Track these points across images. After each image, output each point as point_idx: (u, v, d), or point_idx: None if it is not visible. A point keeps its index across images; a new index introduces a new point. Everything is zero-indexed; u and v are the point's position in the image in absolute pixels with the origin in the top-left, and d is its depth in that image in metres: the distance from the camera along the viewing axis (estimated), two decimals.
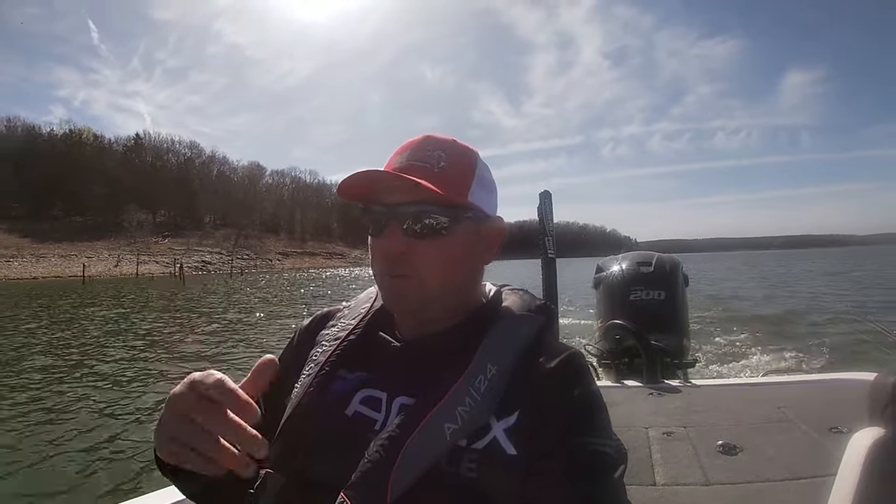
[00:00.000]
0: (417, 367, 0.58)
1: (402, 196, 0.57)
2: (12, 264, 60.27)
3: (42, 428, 4.74)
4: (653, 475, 1.82)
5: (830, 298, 13.50)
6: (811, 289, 17.12)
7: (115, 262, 65.16)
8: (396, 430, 0.52)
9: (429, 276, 0.58)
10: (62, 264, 64.02)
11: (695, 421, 2.29)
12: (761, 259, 66.45)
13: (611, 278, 3.72)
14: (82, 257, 67.94)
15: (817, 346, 6.65)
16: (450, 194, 0.57)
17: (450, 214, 0.58)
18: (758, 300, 13.64)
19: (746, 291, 16.61)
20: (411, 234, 0.57)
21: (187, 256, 75.20)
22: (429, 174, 0.57)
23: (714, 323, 9.00)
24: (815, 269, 31.22)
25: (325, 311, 0.74)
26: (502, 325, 0.60)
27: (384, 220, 0.58)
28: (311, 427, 0.57)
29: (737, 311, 10.88)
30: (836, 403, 2.26)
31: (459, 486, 0.50)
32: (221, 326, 12.35)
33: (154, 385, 6.38)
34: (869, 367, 2.80)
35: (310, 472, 0.54)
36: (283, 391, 0.63)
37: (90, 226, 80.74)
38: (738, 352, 6.67)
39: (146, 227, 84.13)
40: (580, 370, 0.58)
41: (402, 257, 0.57)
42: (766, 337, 7.51)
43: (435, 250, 0.58)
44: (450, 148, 0.61)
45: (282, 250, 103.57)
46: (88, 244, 74.15)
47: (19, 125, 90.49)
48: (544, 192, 2.68)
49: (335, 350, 0.64)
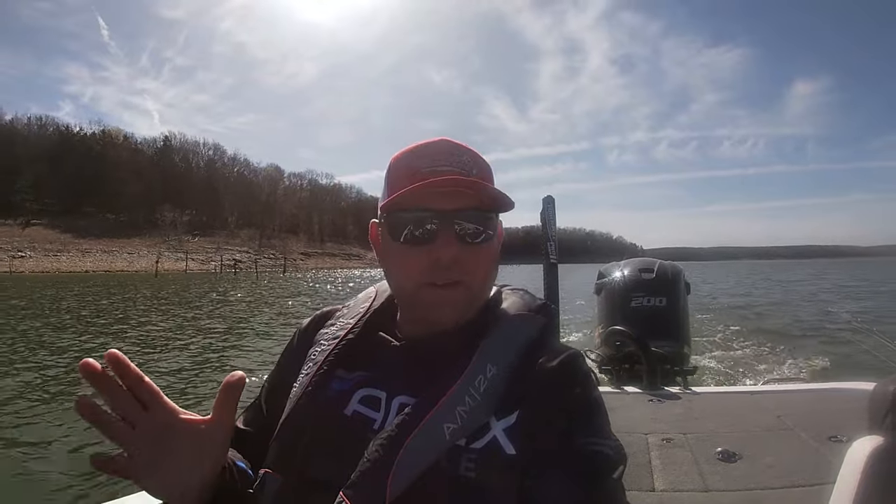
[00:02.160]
0: (417, 367, 0.56)
1: (460, 202, 0.55)
2: (61, 258, 62.30)
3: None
4: (652, 481, 1.78)
5: (831, 308, 13.13)
6: (812, 299, 16.66)
7: (157, 259, 66.70)
8: (396, 429, 0.50)
9: (475, 282, 0.56)
10: (107, 259, 66.06)
11: (694, 428, 2.24)
12: (765, 269, 64.98)
13: (612, 284, 3.65)
14: (123, 253, 69.97)
15: (817, 354, 6.46)
16: (503, 200, 0.56)
17: (493, 219, 0.58)
18: (759, 309, 13.33)
19: (749, 300, 16.29)
20: (464, 241, 0.55)
21: (219, 254, 76.60)
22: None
23: (715, 331, 8.78)
24: (818, 280, 30.42)
25: (324, 311, 0.71)
26: (502, 325, 0.58)
27: (437, 227, 0.55)
28: (310, 426, 0.55)
29: (738, 319, 10.63)
30: (836, 412, 2.21)
31: (458, 485, 0.48)
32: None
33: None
34: (868, 377, 2.71)
35: (309, 471, 0.52)
36: (282, 393, 0.61)
37: (124, 223, 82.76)
38: (738, 360, 6.51)
39: (179, 226, 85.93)
40: (580, 370, 0.56)
41: (454, 264, 0.55)
42: (766, 345, 7.32)
43: (482, 256, 0.57)
44: (472, 153, 0.59)
45: (303, 250, 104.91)
46: (126, 241, 76.16)
47: (50, 124, 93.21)
48: (547, 197, 2.66)
49: (333, 349, 0.61)
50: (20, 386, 5.62)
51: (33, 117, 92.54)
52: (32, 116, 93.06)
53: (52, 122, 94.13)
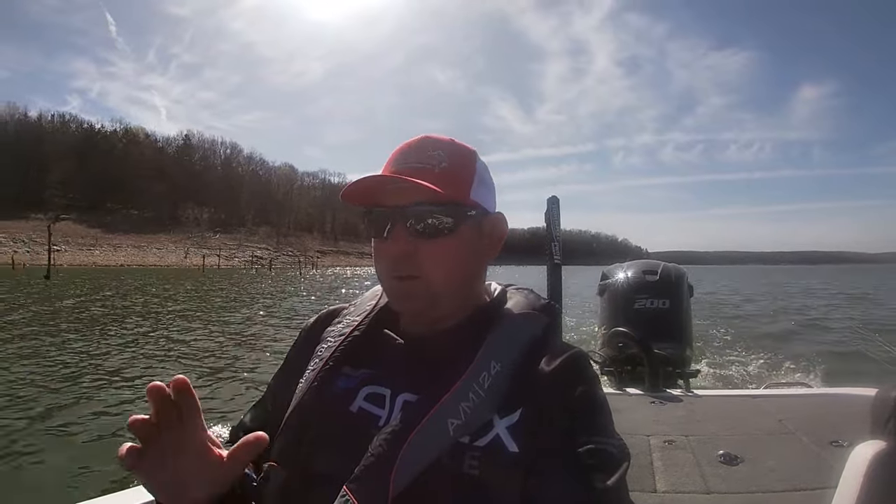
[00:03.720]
0: (421, 365, 0.55)
1: (405, 198, 0.54)
2: (94, 252, 63.69)
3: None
4: (654, 482, 1.76)
5: (835, 314, 12.86)
6: (816, 304, 16.32)
7: (184, 255, 67.88)
8: (400, 425, 0.49)
9: (434, 276, 0.55)
10: (138, 254, 67.41)
11: (696, 430, 2.21)
12: (771, 274, 63.86)
13: (616, 286, 3.59)
14: (152, 248, 71.22)
15: (820, 359, 6.30)
16: (452, 193, 0.54)
17: (453, 213, 0.55)
18: (763, 313, 13.09)
19: (753, 305, 16.01)
20: (416, 235, 0.54)
21: (241, 251, 77.61)
22: (430, 174, 0.54)
23: (718, 334, 8.63)
24: (823, 285, 29.79)
25: (331, 308, 0.70)
26: (507, 324, 0.57)
27: (388, 223, 0.55)
28: (315, 421, 0.55)
29: (741, 323, 10.46)
30: (838, 417, 2.17)
31: (462, 482, 0.47)
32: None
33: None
34: (871, 382, 2.65)
35: (313, 465, 0.52)
36: (287, 391, 0.60)
37: (148, 219, 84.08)
38: (740, 363, 6.39)
39: (202, 224, 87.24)
40: (584, 369, 0.55)
41: (407, 258, 0.54)
42: (768, 349, 7.18)
43: (440, 249, 0.55)
44: (449, 147, 0.58)
45: (319, 248, 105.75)
46: (153, 237, 77.53)
47: (72, 121, 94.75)
48: (552, 197, 2.60)
49: (339, 346, 0.61)
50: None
51: (55, 115, 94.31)
52: (55, 114, 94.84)
53: (74, 119, 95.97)
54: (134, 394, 4.92)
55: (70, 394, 4.95)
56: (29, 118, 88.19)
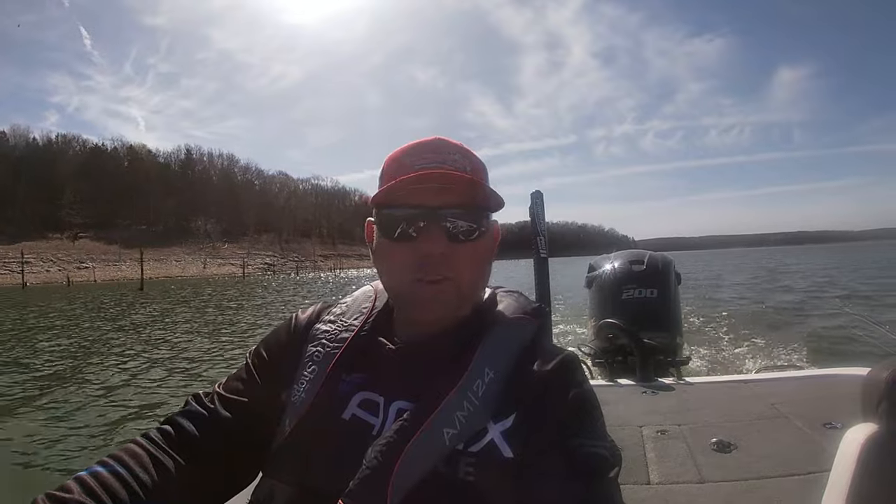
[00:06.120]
0: (414, 371, 0.53)
1: (448, 198, 0.52)
2: (121, 267, 63.57)
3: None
4: (647, 474, 1.67)
5: (823, 294, 12.75)
6: (804, 285, 16.21)
7: (203, 265, 67.94)
8: (395, 435, 0.48)
9: (465, 278, 0.54)
10: (161, 267, 67.31)
11: (688, 419, 2.13)
12: (757, 256, 63.66)
13: (603, 277, 3.49)
14: (171, 260, 71.26)
15: (810, 341, 6.21)
16: (482, 198, 0.54)
17: (482, 217, 0.55)
18: (752, 297, 12.99)
19: (741, 288, 15.91)
20: (453, 238, 0.52)
21: (251, 259, 77.65)
22: (463, 179, 0.52)
23: (707, 320, 8.52)
24: (810, 266, 29.69)
25: (321, 305, 0.66)
26: (499, 329, 0.56)
27: (424, 223, 0.52)
28: (311, 430, 0.52)
29: (731, 307, 10.34)
30: (830, 399, 2.08)
31: (458, 489, 0.47)
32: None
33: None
34: (862, 363, 2.58)
35: (309, 478, 0.50)
36: (273, 376, 0.58)
37: (159, 233, 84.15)
38: (732, 348, 6.29)
39: (212, 234, 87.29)
40: (575, 372, 0.54)
41: (442, 260, 0.52)
42: (759, 333, 7.07)
43: (472, 252, 0.54)
44: (466, 151, 0.56)
45: (321, 253, 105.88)
46: (169, 249, 77.62)
47: (76, 142, 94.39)
48: (536, 192, 2.54)
49: (341, 353, 0.57)
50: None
51: (59, 135, 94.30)
52: (59, 135, 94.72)
53: (77, 139, 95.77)
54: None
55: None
56: (36, 141, 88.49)
